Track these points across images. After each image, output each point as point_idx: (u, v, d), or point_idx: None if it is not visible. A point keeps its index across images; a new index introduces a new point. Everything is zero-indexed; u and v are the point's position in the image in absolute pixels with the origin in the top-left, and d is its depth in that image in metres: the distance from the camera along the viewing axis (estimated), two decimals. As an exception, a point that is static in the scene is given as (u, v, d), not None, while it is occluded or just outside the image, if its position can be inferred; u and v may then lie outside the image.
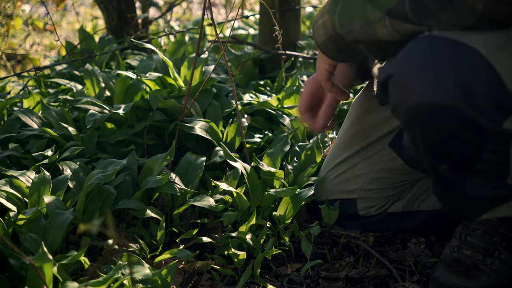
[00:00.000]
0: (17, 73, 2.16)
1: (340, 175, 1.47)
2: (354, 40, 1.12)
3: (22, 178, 1.42)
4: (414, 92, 1.01)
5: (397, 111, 1.07)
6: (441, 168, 1.08)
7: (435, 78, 0.98)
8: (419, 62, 1.01)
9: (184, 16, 4.38)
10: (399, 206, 1.46)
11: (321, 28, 1.16)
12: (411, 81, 1.01)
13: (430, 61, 1.00)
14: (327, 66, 1.25)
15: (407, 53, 1.03)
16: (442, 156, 1.06)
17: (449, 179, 1.09)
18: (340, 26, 1.12)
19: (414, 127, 1.06)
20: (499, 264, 1.25)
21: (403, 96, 1.03)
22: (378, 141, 1.43)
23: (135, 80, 1.84)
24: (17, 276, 1.15)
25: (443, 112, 0.99)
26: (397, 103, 1.06)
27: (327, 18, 1.14)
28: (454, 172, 1.07)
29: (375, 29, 1.06)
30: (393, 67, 1.05)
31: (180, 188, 1.43)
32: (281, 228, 1.41)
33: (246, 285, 1.27)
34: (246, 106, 1.87)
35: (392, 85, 1.05)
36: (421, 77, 1.00)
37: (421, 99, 1.00)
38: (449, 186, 1.11)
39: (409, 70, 1.02)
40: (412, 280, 1.30)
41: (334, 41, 1.15)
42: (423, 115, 1.02)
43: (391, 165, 1.43)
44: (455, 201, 1.14)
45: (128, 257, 0.75)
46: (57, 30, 3.92)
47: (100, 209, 1.38)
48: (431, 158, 1.08)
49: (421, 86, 1.00)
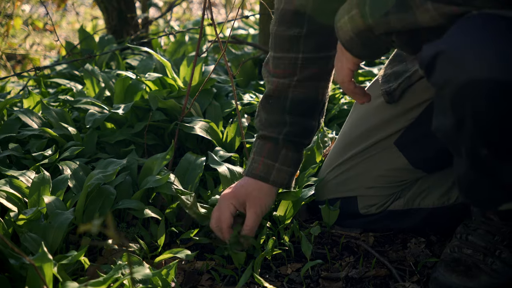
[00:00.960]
0: (17, 73, 2.16)
1: (341, 175, 1.47)
2: (386, 31, 1.07)
3: (22, 178, 1.42)
4: (471, 67, 0.95)
5: (446, 89, 1.01)
6: (482, 152, 1.02)
7: (494, 53, 0.93)
8: (476, 37, 0.95)
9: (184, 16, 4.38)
10: (399, 204, 1.46)
11: (348, 24, 1.11)
12: (468, 55, 0.95)
13: (488, 36, 0.95)
14: (351, 65, 1.18)
15: (460, 28, 0.97)
16: (488, 139, 1.01)
17: (487, 164, 1.04)
18: (372, 16, 1.07)
19: (465, 105, 0.99)
20: (500, 264, 1.24)
21: (457, 71, 0.97)
22: (382, 140, 1.43)
23: (135, 80, 1.84)
24: (17, 276, 1.15)
25: (502, 89, 0.94)
26: (448, 80, 0.99)
27: (355, 12, 1.09)
28: (495, 156, 1.02)
29: (415, 15, 1.01)
30: (445, 43, 0.99)
31: (176, 189, 1.42)
32: (281, 228, 1.42)
33: (246, 285, 1.27)
34: (246, 106, 1.87)
35: (442, 61, 1.00)
36: (479, 52, 0.94)
37: (479, 75, 0.94)
38: (483, 172, 1.06)
39: (464, 45, 0.96)
40: (412, 280, 1.30)
41: (363, 35, 1.10)
42: (479, 91, 0.96)
43: (394, 164, 1.43)
44: (483, 187, 1.09)
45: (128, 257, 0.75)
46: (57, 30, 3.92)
47: (100, 209, 1.38)
48: (475, 141, 1.02)
49: (477, 61, 0.94)
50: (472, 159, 1.05)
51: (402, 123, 1.41)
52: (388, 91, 1.40)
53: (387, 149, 1.43)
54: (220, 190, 1.54)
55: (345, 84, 1.21)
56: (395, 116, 1.41)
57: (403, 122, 1.40)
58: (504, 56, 0.93)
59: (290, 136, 1.37)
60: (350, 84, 1.21)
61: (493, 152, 1.02)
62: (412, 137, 1.41)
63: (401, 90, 1.38)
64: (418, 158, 1.41)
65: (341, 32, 1.14)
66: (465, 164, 1.08)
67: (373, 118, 1.44)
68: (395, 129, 1.41)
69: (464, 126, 1.01)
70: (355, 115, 1.49)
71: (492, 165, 1.03)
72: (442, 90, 1.02)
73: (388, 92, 1.40)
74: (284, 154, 1.38)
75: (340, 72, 1.20)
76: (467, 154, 1.05)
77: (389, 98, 1.40)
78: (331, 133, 1.79)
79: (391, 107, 1.41)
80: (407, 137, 1.41)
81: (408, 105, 1.39)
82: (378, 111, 1.43)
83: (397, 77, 1.41)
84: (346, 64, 1.18)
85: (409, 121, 1.40)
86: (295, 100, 1.37)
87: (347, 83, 1.21)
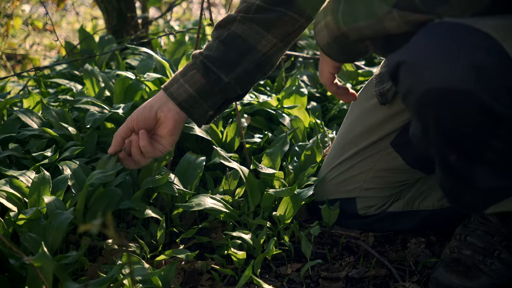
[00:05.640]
0: (17, 73, 2.16)
1: (340, 175, 1.47)
2: (360, 37, 1.10)
3: (22, 178, 1.42)
4: (428, 77, 0.98)
5: (409, 97, 1.04)
6: (451, 157, 1.05)
7: (449, 62, 0.96)
8: (432, 47, 0.99)
9: (184, 16, 4.38)
10: (399, 206, 1.46)
11: (324, 29, 1.14)
12: (425, 66, 0.99)
13: (443, 46, 0.98)
14: (332, 68, 1.22)
15: (419, 39, 1.01)
16: (453, 144, 1.04)
17: (458, 169, 1.07)
18: (345, 23, 1.09)
19: (426, 113, 1.03)
20: (499, 264, 1.25)
21: (417, 81, 1.01)
22: (378, 141, 1.43)
23: (135, 80, 1.84)
24: (17, 276, 1.15)
25: (458, 97, 0.97)
26: (410, 89, 1.03)
27: (330, 19, 1.11)
28: (463, 161, 1.05)
29: (383, 22, 1.04)
30: (405, 53, 1.02)
31: (178, 189, 1.43)
32: (281, 228, 1.41)
33: (246, 285, 1.27)
34: (246, 106, 1.87)
35: (404, 71, 1.03)
36: (435, 61, 0.98)
37: (436, 84, 0.98)
38: (457, 177, 1.09)
39: (422, 55, 0.99)
40: (412, 280, 1.30)
41: (339, 41, 1.13)
42: (437, 100, 0.99)
43: (391, 165, 1.43)
44: (462, 192, 1.12)
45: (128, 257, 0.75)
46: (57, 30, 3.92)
47: (104, 209, 1.38)
48: (441, 147, 1.06)
49: (435, 71, 0.98)
50: (443, 165, 1.09)
51: (396, 123, 1.40)
52: (381, 92, 1.40)
53: (383, 150, 1.43)
54: (221, 190, 1.54)
55: (327, 86, 1.25)
56: (390, 117, 1.41)
57: (397, 122, 1.40)
58: (458, 65, 0.96)
59: (205, 59, 1.29)
60: (332, 86, 1.25)
61: (461, 157, 1.04)
62: (407, 138, 1.41)
63: (393, 91, 1.38)
64: (415, 158, 1.41)
65: (319, 37, 1.16)
66: (440, 170, 1.11)
67: (369, 118, 1.44)
68: (391, 129, 1.41)
69: (429, 134, 1.05)
70: (353, 115, 1.49)
71: (463, 170, 1.06)
72: (406, 99, 1.06)
73: (381, 93, 1.40)
74: (192, 74, 1.30)
75: (322, 75, 1.25)
76: (439, 160, 1.09)
77: (382, 99, 1.40)
78: (331, 133, 1.79)
79: (386, 107, 1.41)
80: (403, 138, 1.41)
81: (401, 106, 1.39)
82: (374, 111, 1.43)
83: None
84: (327, 68, 1.22)
85: (403, 121, 1.40)
86: (232, 33, 1.31)
87: (329, 86, 1.25)
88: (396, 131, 1.41)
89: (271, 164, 1.55)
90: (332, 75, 1.23)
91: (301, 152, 1.64)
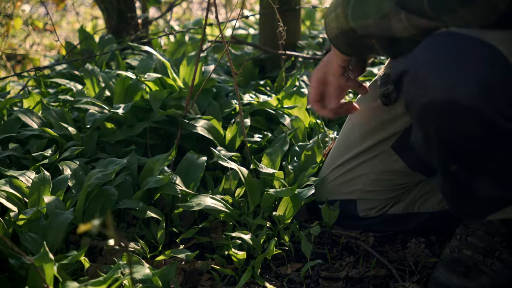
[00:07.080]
0: (17, 73, 2.16)
1: (340, 176, 1.47)
2: (367, 34, 1.09)
3: (22, 178, 1.42)
4: (432, 88, 0.99)
5: (412, 107, 1.05)
6: (452, 167, 1.06)
7: (454, 75, 0.96)
8: (437, 58, 0.98)
9: (184, 16, 4.37)
10: (399, 208, 1.46)
11: (334, 21, 1.13)
12: (429, 77, 0.99)
13: (448, 58, 0.98)
14: (341, 61, 1.21)
15: (424, 48, 1.01)
16: (455, 155, 1.04)
17: (459, 178, 1.07)
18: (353, 19, 1.08)
19: (428, 124, 1.03)
20: (499, 265, 1.24)
21: (419, 92, 1.01)
22: (380, 143, 1.43)
23: (135, 80, 1.84)
24: (17, 276, 1.15)
25: (461, 110, 0.97)
26: (412, 99, 1.03)
27: (340, 11, 1.10)
28: (464, 171, 1.06)
29: (390, 23, 1.03)
30: (409, 62, 1.02)
31: (181, 190, 1.43)
32: (281, 228, 1.41)
33: (246, 285, 1.27)
34: (246, 106, 1.87)
35: (407, 81, 1.03)
36: (439, 73, 0.98)
37: (439, 96, 0.98)
38: (458, 186, 1.10)
39: (426, 66, 0.99)
40: (412, 280, 1.30)
41: (346, 34, 1.12)
42: (439, 112, 1.00)
43: (392, 167, 1.43)
44: (463, 201, 1.12)
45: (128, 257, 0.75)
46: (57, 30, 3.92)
47: (101, 209, 1.38)
48: (442, 157, 1.06)
49: (439, 82, 0.98)
50: (444, 174, 1.10)
51: (399, 126, 1.40)
52: (385, 94, 1.40)
53: (385, 152, 1.43)
54: (221, 190, 1.54)
55: (335, 78, 1.24)
56: (392, 119, 1.40)
57: (400, 125, 1.40)
58: (463, 78, 0.96)
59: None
60: (341, 78, 1.24)
61: (462, 167, 1.04)
62: (409, 141, 1.41)
63: (397, 92, 1.38)
64: (416, 161, 1.41)
65: (329, 29, 1.16)
66: (441, 178, 1.12)
67: (372, 119, 1.43)
68: (392, 132, 1.41)
69: (431, 143, 1.05)
70: (355, 116, 1.49)
71: (464, 180, 1.07)
72: (409, 108, 1.06)
73: (385, 95, 1.40)
74: None
75: (331, 66, 1.24)
76: (440, 168, 1.09)
77: (385, 100, 1.39)
78: (332, 133, 1.79)
79: (388, 109, 1.40)
80: (404, 140, 1.40)
81: (404, 108, 1.39)
82: (377, 112, 1.42)
83: None
84: (336, 60, 1.22)
85: (405, 124, 1.39)
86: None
87: (338, 78, 1.24)
88: (397, 133, 1.41)
89: (271, 164, 1.55)
90: (341, 68, 1.22)
91: (301, 152, 1.64)
